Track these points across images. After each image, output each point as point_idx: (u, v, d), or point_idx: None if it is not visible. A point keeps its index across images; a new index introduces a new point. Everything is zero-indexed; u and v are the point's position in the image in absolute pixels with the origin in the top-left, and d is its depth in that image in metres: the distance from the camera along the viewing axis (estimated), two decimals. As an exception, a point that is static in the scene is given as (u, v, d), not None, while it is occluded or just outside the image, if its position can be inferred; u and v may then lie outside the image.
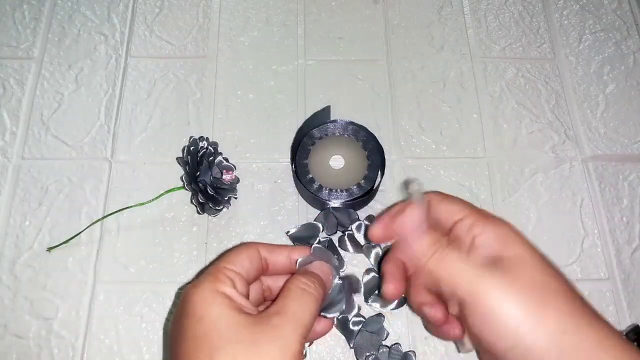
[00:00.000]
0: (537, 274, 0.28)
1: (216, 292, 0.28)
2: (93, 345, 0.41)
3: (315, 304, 0.30)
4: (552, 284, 0.28)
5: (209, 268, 0.31)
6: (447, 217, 0.32)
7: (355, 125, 0.47)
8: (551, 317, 0.26)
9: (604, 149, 0.49)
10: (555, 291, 0.28)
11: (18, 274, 0.43)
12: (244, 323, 0.27)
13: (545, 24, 0.55)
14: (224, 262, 0.31)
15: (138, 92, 0.51)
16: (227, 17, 0.55)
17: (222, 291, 0.29)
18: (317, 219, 0.45)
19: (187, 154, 0.42)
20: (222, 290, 0.29)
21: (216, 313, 0.27)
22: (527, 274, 0.28)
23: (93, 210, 0.46)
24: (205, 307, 0.28)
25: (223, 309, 0.28)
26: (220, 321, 0.27)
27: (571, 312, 0.27)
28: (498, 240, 0.30)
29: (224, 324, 0.27)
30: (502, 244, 0.30)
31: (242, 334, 0.26)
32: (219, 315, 0.27)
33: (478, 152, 0.49)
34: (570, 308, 0.27)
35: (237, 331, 0.27)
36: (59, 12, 0.55)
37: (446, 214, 0.32)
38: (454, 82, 0.52)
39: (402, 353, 0.40)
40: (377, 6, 0.56)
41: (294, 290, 0.30)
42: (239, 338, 0.26)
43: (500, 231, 0.30)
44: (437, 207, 0.33)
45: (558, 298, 0.27)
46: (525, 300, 0.27)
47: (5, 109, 0.50)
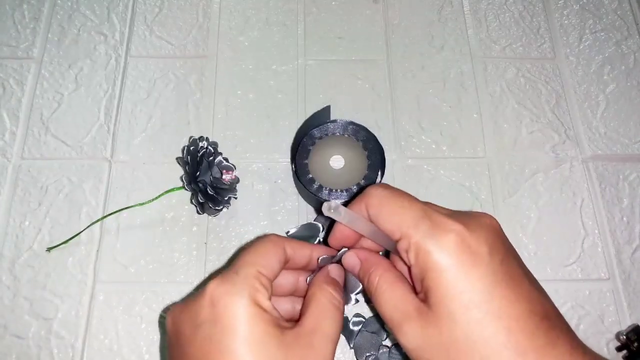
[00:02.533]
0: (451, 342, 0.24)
1: (255, 306, 0.25)
2: (93, 346, 0.41)
3: (342, 317, 0.28)
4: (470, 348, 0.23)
5: (239, 268, 0.27)
6: (388, 234, 0.28)
7: (355, 125, 0.47)
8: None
9: (604, 149, 0.49)
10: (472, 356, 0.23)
11: (18, 274, 0.43)
12: (282, 342, 0.25)
13: (546, 24, 0.55)
14: (257, 264, 0.27)
15: (138, 92, 0.51)
16: (227, 17, 0.55)
17: (261, 305, 0.26)
18: (317, 219, 0.45)
19: (187, 154, 0.42)
20: (260, 303, 0.26)
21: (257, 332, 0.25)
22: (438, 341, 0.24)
23: (93, 210, 0.46)
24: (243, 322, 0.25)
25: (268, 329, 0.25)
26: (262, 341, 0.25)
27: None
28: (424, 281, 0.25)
29: (246, 332, 0.24)
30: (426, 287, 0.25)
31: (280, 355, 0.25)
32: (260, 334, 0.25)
33: (478, 152, 0.49)
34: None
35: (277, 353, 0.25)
36: (58, 12, 0.55)
37: (384, 230, 0.28)
38: (454, 82, 0.52)
39: (402, 353, 0.40)
40: (377, 6, 0.56)
41: (325, 305, 0.28)
42: (263, 349, 0.24)
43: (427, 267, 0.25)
44: (376, 221, 0.28)
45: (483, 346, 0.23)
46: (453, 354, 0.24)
47: (5, 109, 0.50)
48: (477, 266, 0.24)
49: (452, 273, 0.24)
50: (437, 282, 0.24)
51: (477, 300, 0.23)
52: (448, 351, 0.24)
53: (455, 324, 0.23)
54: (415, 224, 0.26)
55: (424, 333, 0.24)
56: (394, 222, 0.26)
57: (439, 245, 0.24)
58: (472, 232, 0.25)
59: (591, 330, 0.42)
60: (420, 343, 0.24)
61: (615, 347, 0.41)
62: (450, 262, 0.24)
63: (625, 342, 0.41)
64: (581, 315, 0.43)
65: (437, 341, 0.24)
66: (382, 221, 0.27)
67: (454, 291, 0.24)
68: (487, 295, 0.24)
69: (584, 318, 0.43)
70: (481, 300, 0.23)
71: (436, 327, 0.24)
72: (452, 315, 0.23)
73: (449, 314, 0.24)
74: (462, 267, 0.24)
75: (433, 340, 0.24)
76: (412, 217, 0.26)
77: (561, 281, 0.44)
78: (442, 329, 0.24)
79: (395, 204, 0.27)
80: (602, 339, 0.42)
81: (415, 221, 0.26)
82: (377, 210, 0.28)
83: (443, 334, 0.24)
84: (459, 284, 0.24)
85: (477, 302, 0.23)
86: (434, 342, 0.24)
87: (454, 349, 0.23)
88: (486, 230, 0.26)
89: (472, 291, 0.24)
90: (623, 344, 0.41)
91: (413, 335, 0.25)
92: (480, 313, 0.23)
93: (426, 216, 0.26)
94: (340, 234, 0.31)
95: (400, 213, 0.26)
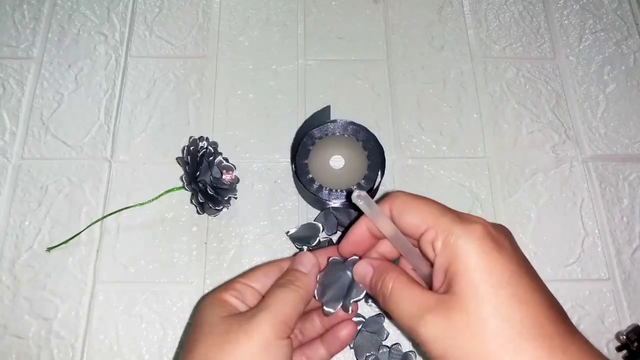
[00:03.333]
0: (479, 323, 0.24)
1: (217, 300, 0.30)
2: (93, 346, 0.41)
3: (293, 296, 0.30)
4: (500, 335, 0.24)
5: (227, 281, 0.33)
6: (412, 231, 0.29)
7: (355, 125, 0.47)
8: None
9: (604, 148, 0.49)
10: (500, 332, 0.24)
11: (18, 274, 0.43)
12: (226, 319, 0.29)
13: (546, 24, 0.55)
14: (239, 276, 0.32)
15: (138, 92, 0.51)
16: (227, 17, 0.55)
17: (224, 298, 0.30)
18: (317, 219, 0.45)
19: (187, 154, 0.42)
20: (223, 298, 0.30)
21: (208, 315, 0.29)
22: (465, 324, 0.24)
23: (93, 210, 0.46)
24: (202, 312, 0.30)
25: (215, 311, 0.29)
26: (209, 320, 0.29)
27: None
28: (450, 266, 0.26)
29: (211, 321, 0.29)
30: (452, 274, 0.25)
31: (219, 327, 0.28)
32: (209, 316, 0.29)
33: (478, 152, 0.49)
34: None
35: (217, 325, 0.28)
36: (58, 12, 0.55)
37: (409, 227, 0.29)
38: (454, 82, 0.52)
39: (402, 353, 0.40)
40: (377, 6, 0.56)
41: (274, 288, 0.31)
42: (215, 329, 0.28)
43: (455, 253, 0.26)
44: (400, 219, 0.29)
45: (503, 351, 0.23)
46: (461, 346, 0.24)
47: (5, 109, 0.50)
48: (502, 254, 0.25)
49: (480, 256, 0.25)
50: (466, 264, 0.25)
51: (504, 284, 0.24)
52: (475, 333, 0.24)
53: (485, 305, 0.24)
54: (441, 215, 0.27)
55: (448, 319, 0.25)
56: (419, 216, 0.28)
57: (467, 231, 0.26)
58: (493, 226, 0.27)
59: (591, 330, 0.42)
60: (443, 330, 0.25)
61: (615, 347, 0.41)
62: (478, 246, 0.25)
63: (625, 342, 0.41)
64: (581, 315, 0.43)
65: (462, 324, 0.24)
66: (407, 217, 0.28)
67: (483, 273, 0.24)
68: (514, 280, 0.24)
69: (584, 318, 0.43)
70: (508, 284, 0.24)
71: (462, 310, 0.24)
72: (481, 297, 0.24)
73: (478, 295, 0.24)
74: (489, 252, 0.25)
75: (458, 325, 0.24)
76: (437, 210, 0.28)
77: (561, 281, 0.44)
78: (470, 310, 0.24)
79: (419, 202, 0.29)
80: (602, 339, 0.42)
81: (441, 213, 0.27)
82: (401, 208, 0.29)
83: (471, 315, 0.24)
84: (488, 267, 0.25)
85: (505, 285, 0.24)
86: (458, 326, 0.24)
87: (482, 329, 0.24)
88: (503, 229, 0.28)
89: (500, 274, 0.24)
90: (623, 344, 0.41)
91: (435, 323, 0.25)
92: (508, 296, 0.24)
93: (450, 211, 0.28)
94: (353, 238, 0.32)
95: (425, 209, 0.28)
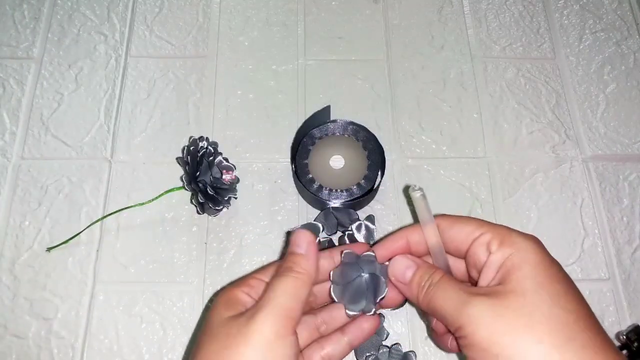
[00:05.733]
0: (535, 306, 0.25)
1: (227, 297, 0.29)
2: (93, 346, 0.41)
3: (293, 285, 0.28)
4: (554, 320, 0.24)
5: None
6: (463, 238, 0.30)
7: (355, 125, 0.47)
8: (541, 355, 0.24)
9: (604, 148, 0.49)
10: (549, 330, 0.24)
11: (18, 274, 0.43)
12: (228, 322, 0.27)
13: (546, 24, 0.55)
14: (255, 272, 0.31)
15: (138, 92, 0.51)
16: (227, 17, 0.55)
17: (234, 295, 0.29)
18: (317, 219, 0.45)
19: (187, 154, 0.42)
20: (234, 294, 0.29)
21: (216, 315, 0.28)
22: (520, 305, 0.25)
23: (93, 210, 0.46)
24: (213, 311, 0.29)
25: (222, 310, 0.28)
26: (214, 322, 0.28)
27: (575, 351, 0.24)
28: (507, 260, 0.27)
29: (216, 324, 0.28)
30: (509, 266, 0.27)
31: (221, 331, 0.27)
32: (217, 316, 0.28)
33: (478, 152, 0.49)
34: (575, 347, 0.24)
35: (220, 328, 0.27)
36: (58, 11, 0.55)
37: (461, 234, 0.30)
38: (454, 82, 0.52)
39: (402, 353, 0.40)
40: (377, 6, 0.56)
41: (273, 279, 0.29)
42: (218, 334, 0.27)
43: (515, 252, 0.27)
44: (450, 229, 0.30)
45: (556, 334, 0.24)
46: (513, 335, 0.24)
47: (5, 109, 0.50)
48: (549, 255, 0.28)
49: (538, 254, 0.27)
50: (526, 258, 0.27)
51: (560, 279, 0.26)
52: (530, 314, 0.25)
53: (542, 291, 0.25)
54: (492, 224, 0.29)
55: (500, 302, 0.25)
56: (473, 224, 0.30)
57: (523, 236, 0.28)
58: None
59: (591, 330, 0.42)
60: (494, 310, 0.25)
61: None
62: (536, 246, 0.28)
63: (625, 342, 0.41)
64: (581, 315, 0.43)
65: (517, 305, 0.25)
66: (459, 226, 0.30)
67: (541, 266, 0.26)
68: (567, 279, 0.27)
69: (584, 318, 0.43)
70: (564, 280, 0.26)
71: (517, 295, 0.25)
72: (539, 284, 0.26)
73: (536, 282, 0.26)
74: (546, 253, 0.28)
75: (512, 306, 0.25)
76: (487, 222, 0.30)
77: (561, 281, 0.44)
78: (527, 294, 0.25)
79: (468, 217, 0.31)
80: (602, 339, 0.42)
81: (491, 223, 0.30)
82: (451, 220, 0.31)
83: (527, 298, 0.25)
84: (545, 263, 0.27)
85: (561, 280, 0.26)
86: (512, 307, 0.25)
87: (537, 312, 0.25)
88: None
89: (557, 271, 0.27)
90: (623, 344, 0.41)
91: (486, 305, 0.25)
92: (564, 289, 0.26)
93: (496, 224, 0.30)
94: (392, 246, 0.32)
95: (477, 220, 0.30)
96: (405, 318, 0.42)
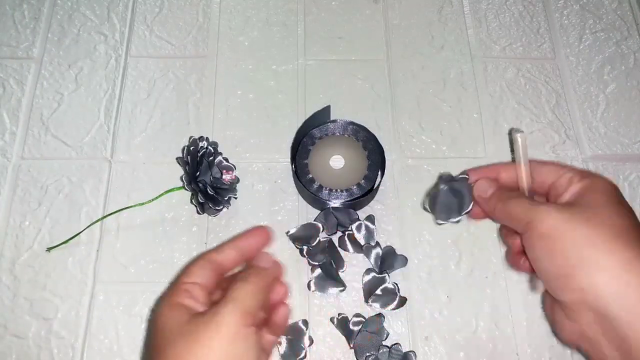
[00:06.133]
0: (606, 214, 0.28)
1: (172, 305, 0.30)
2: (93, 346, 0.41)
3: (253, 288, 0.31)
4: (621, 226, 0.28)
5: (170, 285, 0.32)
6: (549, 176, 0.33)
7: (355, 125, 0.47)
8: (616, 253, 0.27)
9: (604, 149, 0.49)
10: (623, 231, 0.28)
11: (18, 274, 0.43)
12: (190, 321, 0.29)
13: (546, 24, 0.55)
14: (182, 276, 0.32)
15: (138, 92, 0.51)
16: (227, 17, 0.55)
17: (179, 302, 0.30)
18: (317, 219, 0.45)
19: (187, 154, 0.42)
20: (178, 301, 0.30)
21: (169, 321, 0.30)
22: (594, 210, 0.28)
23: (93, 210, 0.46)
24: (162, 320, 0.30)
25: (175, 315, 0.30)
26: (172, 326, 0.29)
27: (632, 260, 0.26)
28: (586, 188, 0.30)
29: (174, 326, 0.29)
30: (587, 190, 0.30)
31: (185, 328, 0.28)
32: (171, 321, 0.29)
33: (478, 152, 0.49)
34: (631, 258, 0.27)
35: (182, 327, 0.29)
36: (58, 12, 0.55)
37: (548, 173, 0.33)
38: (454, 82, 0.52)
39: (402, 353, 0.40)
40: (377, 6, 0.56)
41: (235, 282, 0.31)
42: (182, 332, 0.28)
43: (593, 182, 0.30)
44: (540, 168, 0.34)
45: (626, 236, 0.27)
46: (586, 231, 0.27)
47: (5, 109, 0.50)
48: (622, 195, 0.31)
49: (612, 187, 0.31)
50: (600, 187, 0.30)
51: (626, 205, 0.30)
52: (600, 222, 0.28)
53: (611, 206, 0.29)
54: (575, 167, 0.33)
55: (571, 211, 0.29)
56: (557, 165, 0.33)
57: (599, 175, 0.32)
58: None
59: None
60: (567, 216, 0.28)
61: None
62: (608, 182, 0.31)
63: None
64: (581, 315, 0.43)
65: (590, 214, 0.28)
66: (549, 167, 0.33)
67: (613, 192, 0.30)
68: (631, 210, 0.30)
69: (584, 318, 0.43)
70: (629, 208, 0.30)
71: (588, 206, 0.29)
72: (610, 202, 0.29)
73: (609, 201, 0.29)
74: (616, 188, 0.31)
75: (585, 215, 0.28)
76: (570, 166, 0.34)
77: (561, 281, 0.44)
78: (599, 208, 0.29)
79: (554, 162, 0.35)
80: (602, 339, 0.42)
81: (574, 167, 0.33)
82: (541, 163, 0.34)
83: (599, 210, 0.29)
84: (618, 195, 0.31)
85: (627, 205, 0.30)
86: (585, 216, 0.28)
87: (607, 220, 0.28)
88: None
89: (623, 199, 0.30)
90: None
91: (552, 208, 0.29)
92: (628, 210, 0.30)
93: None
94: (484, 172, 0.35)
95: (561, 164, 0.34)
96: (405, 318, 0.42)
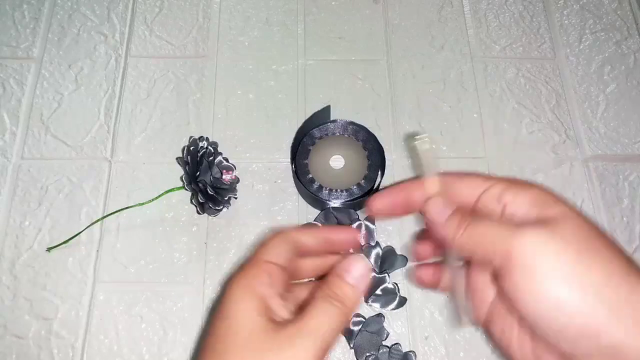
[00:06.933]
0: (582, 229, 0.26)
1: (250, 292, 0.27)
2: (93, 346, 0.41)
3: (338, 318, 0.27)
4: (598, 238, 0.26)
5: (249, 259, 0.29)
6: (469, 193, 0.29)
7: (355, 125, 0.47)
8: (599, 270, 0.24)
9: (604, 149, 0.49)
10: (603, 245, 0.25)
11: (18, 274, 0.43)
12: (264, 332, 0.26)
13: (546, 24, 0.55)
14: (260, 252, 0.29)
15: (138, 92, 0.51)
16: (227, 17, 0.55)
17: (257, 291, 0.27)
18: (317, 219, 0.45)
19: (187, 154, 0.42)
20: (257, 289, 0.27)
21: (242, 315, 0.26)
22: (570, 227, 0.26)
23: (93, 210, 0.46)
24: (234, 307, 0.27)
25: (251, 312, 0.27)
26: (243, 325, 0.26)
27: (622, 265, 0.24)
28: (534, 202, 0.27)
29: (246, 329, 0.26)
30: (540, 206, 0.27)
31: (257, 344, 0.26)
32: (244, 318, 0.26)
33: (478, 152, 0.49)
34: (621, 261, 0.25)
35: (254, 340, 0.26)
36: (58, 12, 0.55)
37: (467, 189, 0.29)
38: (454, 82, 0.52)
39: (402, 353, 0.40)
40: (377, 6, 0.56)
41: (319, 302, 0.28)
42: (254, 347, 0.26)
43: (535, 194, 0.27)
44: (455, 185, 0.29)
45: (605, 251, 0.25)
46: (568, 253, 0.25)
47: (5, 109, 0.50)
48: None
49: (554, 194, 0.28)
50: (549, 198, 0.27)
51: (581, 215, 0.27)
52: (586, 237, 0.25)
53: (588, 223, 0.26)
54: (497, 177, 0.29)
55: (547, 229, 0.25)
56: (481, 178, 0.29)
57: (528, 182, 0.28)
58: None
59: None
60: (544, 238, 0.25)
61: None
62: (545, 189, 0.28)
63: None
64: (581, 315, 0.43)
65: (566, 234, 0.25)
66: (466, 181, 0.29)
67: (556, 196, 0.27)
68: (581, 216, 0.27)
69: (584, 318, 0.43)
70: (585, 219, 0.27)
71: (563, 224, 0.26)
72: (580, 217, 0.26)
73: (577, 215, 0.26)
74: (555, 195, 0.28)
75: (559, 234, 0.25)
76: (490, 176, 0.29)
77: (561, 281, 0.44)
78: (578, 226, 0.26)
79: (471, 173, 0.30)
80: (602, 339, 0.42)
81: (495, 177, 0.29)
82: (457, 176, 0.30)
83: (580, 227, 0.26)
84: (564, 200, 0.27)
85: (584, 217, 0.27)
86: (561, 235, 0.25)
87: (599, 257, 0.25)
88: None
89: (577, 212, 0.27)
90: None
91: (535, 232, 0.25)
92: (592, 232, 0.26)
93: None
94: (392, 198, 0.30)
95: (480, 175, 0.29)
96: (406, 318, 0.42)
